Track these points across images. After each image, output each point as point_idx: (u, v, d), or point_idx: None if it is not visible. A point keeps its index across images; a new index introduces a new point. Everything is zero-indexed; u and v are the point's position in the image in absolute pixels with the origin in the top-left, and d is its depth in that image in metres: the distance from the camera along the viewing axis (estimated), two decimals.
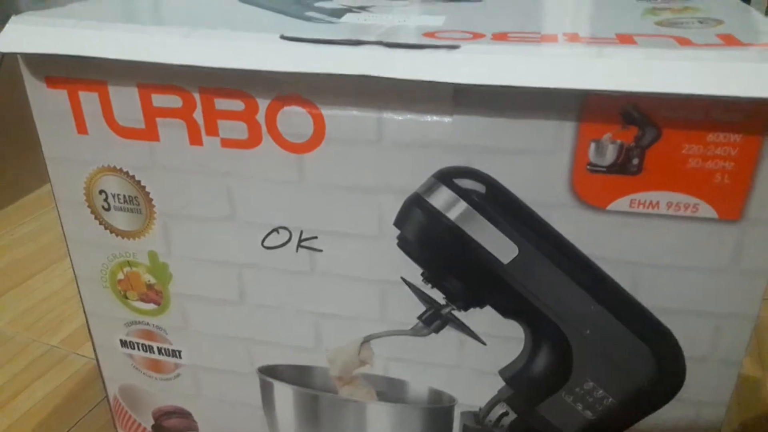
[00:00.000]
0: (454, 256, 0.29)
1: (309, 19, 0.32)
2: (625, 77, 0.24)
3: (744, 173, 0.25)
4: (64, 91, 0.30)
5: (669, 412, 0.30)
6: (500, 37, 0.27)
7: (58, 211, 0.35)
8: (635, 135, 0.25)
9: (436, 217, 0.28)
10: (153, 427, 0.41)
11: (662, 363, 0.29)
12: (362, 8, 0.34)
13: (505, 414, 0.32)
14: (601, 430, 0.31)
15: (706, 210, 0.26)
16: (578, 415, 0.31)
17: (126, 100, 0.30)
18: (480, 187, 0.27)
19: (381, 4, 0.35)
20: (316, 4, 0.35)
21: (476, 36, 0.27)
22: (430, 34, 0.28)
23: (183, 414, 0.40)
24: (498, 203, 0.27)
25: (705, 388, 0.29)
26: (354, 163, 0.28)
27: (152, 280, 0.35)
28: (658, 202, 0.26)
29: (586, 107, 0.25)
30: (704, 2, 0.33)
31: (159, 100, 0.29)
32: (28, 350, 0.62)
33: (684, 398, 0.30)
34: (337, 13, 0.33)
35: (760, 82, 0.23)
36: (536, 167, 0.27)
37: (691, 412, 0.30)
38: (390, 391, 0.34)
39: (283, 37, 0.27)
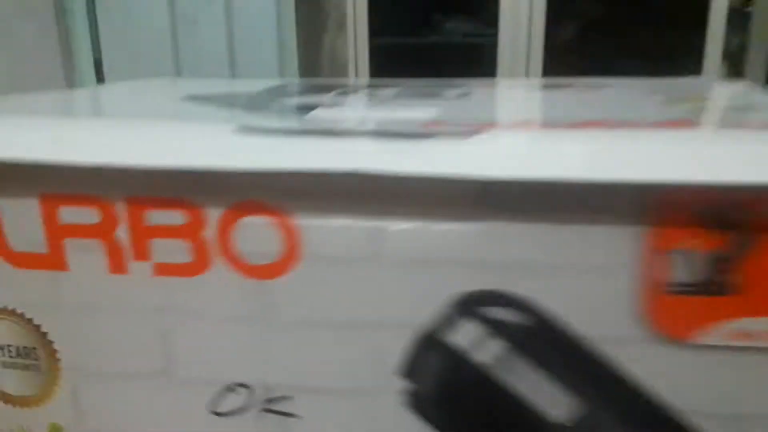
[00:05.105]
0: (486, 415, 0.21)
1: (270, 111, 0.26)
2: (710, 165, 0.18)
3: None
4: None
5: None
6: (520, 126, 0.21)
7: None
8: (726, 242, 0.19)
9: (458, 363, 0.20)
10: None
11: None
12: (334, 105, 0.28)
13: None
14: None
15: None
16: None
17: (23, 217, 0.22)
18: (517, 319, 0.20)
19: (355, 103, 0.29)
20: (276, 102, 0.29)
21: (485, 126, 0.21)
22: (430, 124, 0.22)
23: None
24: (543, 340, 0.20)
25: None
26: (340, 291, 0.21)
27: None
28: (765, 332, 0.19)
29: (658, 207, 0.19)
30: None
31: (68, 214, 0.22)
32: None
33: None
34: (305, 108, 0.27)
35: None
36: (590, 288, 0.20)
37: None
38: None
39: (239, 128, 0.20)
